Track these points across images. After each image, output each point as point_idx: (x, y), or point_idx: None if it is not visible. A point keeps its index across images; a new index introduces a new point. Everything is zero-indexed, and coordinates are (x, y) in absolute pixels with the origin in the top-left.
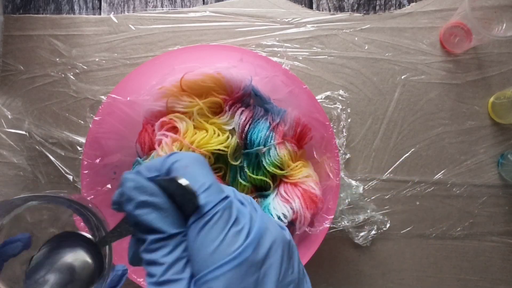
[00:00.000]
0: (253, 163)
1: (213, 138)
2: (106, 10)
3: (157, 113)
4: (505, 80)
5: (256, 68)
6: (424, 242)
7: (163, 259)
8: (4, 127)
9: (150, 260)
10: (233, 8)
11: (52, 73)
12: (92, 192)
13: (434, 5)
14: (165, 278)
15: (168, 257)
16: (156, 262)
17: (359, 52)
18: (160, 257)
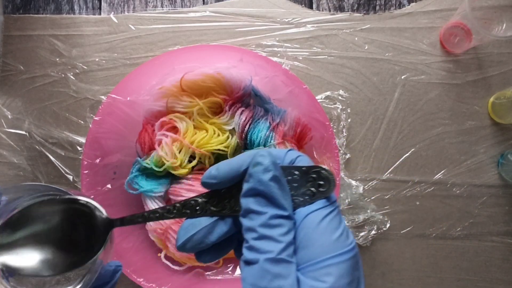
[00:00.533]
0: None
1: (213, 138)
2: (106, 10)
3: (157, 113)
4: (505, 80)
5: (256, 68)
6: (424, 242)
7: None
8: (4, 127)
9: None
10: (233, 8)
11: (52, 73)
12: (92, 192)
13: (434, 5)
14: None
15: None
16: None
17: (359, 52)
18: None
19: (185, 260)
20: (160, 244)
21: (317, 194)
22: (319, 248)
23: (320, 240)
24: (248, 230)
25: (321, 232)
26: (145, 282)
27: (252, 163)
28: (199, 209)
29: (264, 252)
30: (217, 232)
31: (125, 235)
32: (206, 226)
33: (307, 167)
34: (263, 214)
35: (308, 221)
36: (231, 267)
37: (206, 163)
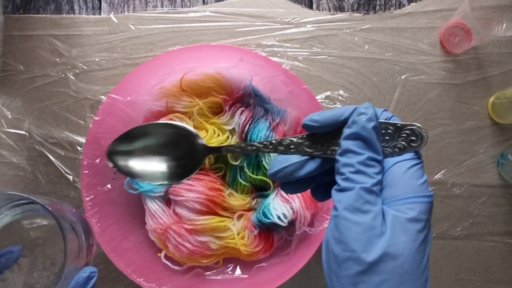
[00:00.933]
0: (253, 163)
1: (213, 138)
2: (106, 10)
3: (157, 113)
4: (505, 80)
5: (256, 68)
6: None
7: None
8: (4, 127)
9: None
10: (233, 8)
11: (52, 73)
12: (92, 192)
13: (434, 5)
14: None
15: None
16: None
17: (359, 52)
18: (371, 173)
19: (185, 260)
20: (160, 244)
21: (408, 148)
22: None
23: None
24: (345, 165)
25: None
26: (145, 282)
27: (357, 112)
28: (293, 148)
29: (359, 183)
30: (306, 169)
31: (125, 235)
32: (298, 162)
33: (402, 124)
34: (361, 154)
35: (396, 168)
36: (231, 267)
37: (206, 163)
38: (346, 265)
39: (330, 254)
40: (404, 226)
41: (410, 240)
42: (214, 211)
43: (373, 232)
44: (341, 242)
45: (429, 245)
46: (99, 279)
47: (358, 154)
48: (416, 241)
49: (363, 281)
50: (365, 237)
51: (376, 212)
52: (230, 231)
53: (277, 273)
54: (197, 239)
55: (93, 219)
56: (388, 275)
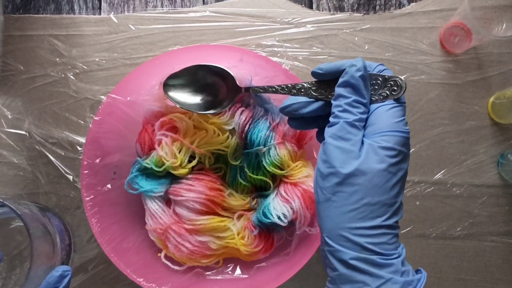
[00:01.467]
0: (253, 163)
1: (213, 138)
2: (106, 10)
3: (157, 113)
4: (505, 80)
5: (256, 68)
6: (424, 242)
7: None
8: (4, 127)
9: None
10: (233, 8)
11: (52, 73)
12: (92, 192)
13: (434, 5)
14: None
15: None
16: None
17: (359, 52)
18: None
19: (185, 260)
20: (160, 244)
21: (390, 95)
22: (383, 125)
23: (384, 121)
24: (336, 106)
25: (386, 116)
26: (145, 282)
27: (349, 64)
28: (303, 91)
29: (344, 118)
30: (310, 108)
31: (125, 235)
32: (304, 102)
33: (388, 76)
34: (349, 98)
35: (379, 110)
36: (231, 267)
37: (206, 163)
38: (328, 178)
39: (318, 172)
40: (376, 151)
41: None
42: (214, 211)
43: (350, 155)
44: (325, 162)
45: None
46: (99, 279)
47: (346, 98)
48: (384, 163)
49: (339, 191)
50: (344, 157)
51: (355, 140)
52: (230, 231)
53: (277, 273)
54: (197, 239)
55: (93, 219)
56: (359, 187)
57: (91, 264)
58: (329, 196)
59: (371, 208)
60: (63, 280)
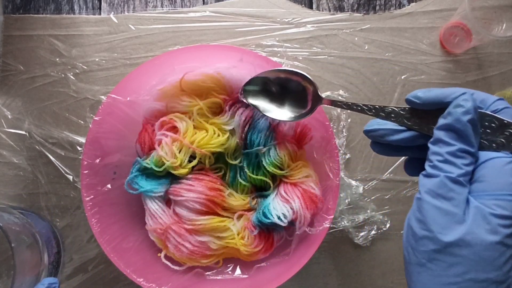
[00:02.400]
0: (253, 163)
1: (213, 138)
2: (106, 10)
3: (157, 113)
4: (505, 80)
5: (256, 68)
6: None
7: (463, 166)
8: (4, 127)
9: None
10: (233, 8)
11: (52, 73)
12: (92, 192)
13: (434, 5)
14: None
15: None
16: (456, 165)
17: (359, 52)
18: (460, 164)
19: (185, 260)
20: (160, 244)
21: (507, 146)
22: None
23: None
24: (434, 154)
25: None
26: (145, 282)
27: (454, 103)
28: (394, 117)
29: (445, 172)
30: (399, 136)
31: (125, 235)
32: (393, 128)
33: (507, 122)
34: (452, 145)
35: (492, 163)
36: (231, 267)
37: (206, 163)
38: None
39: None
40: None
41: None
42: (214, 211)
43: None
44: (420, 222)
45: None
46: (99, 279)
47: (449, 145)
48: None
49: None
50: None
51: (460, 200)
52: (230, 231)
53: (277, 273)
54: (197, 239)
55: (93, 219)
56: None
57: (91, 264)
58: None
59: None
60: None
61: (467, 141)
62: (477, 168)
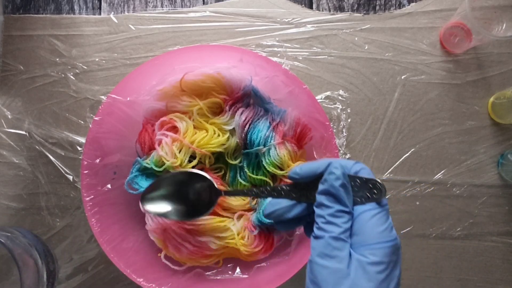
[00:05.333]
0: (253, 163)
1: (214, 138)
2: (106, 10)
3: (157, 113)
4: (505, 80)
5: (256, 68)
6: (424, 242)
7: (342, 224)
8: (4, 127)
9: (330, 221)
10: (233, 8)
11: (52, 73)
12: (92, 192)
13: (434, 5)
14: (340, 236)
15: (345, 224)
16: (336, 224)
17: (359, 52)
18: (340, 223)
19: (185, 260)
20: (160, 244)
21: (371, 199)
22: (369, 237)
23: (369, 230)
24: (319, 216)
25: (371, 225)
26: (145, 282)
27: (327, 171)
28: (284, 194)
29: (329, 232)
30: (294, 211)
31: (125, 235)
32: (287, 206)
33: (366, 179)
34: (331, 208)
35: (362, 217)
36: (231, 267)
37: (206, 163)
38: None
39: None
40: (365, 268)
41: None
42: (214, 211)
43: (339, 274)
44: (314, 283)
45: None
46: (99, 279)
47: (329, 208)
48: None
49: None
50: (333, 279)
51: (342, 257)
52: (230, 231)
53: (277, 273)
54: (197, 239)
55: (93, 219)
56: None
57: (91, 264)
58: None
59: None
60: None
61: (341, 202)
62: (353, 223)
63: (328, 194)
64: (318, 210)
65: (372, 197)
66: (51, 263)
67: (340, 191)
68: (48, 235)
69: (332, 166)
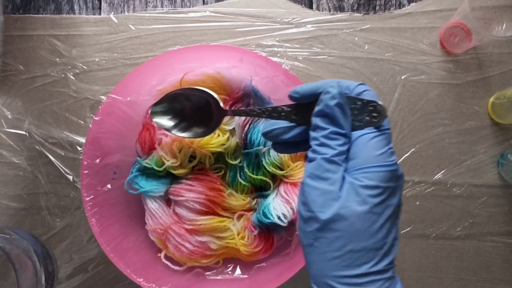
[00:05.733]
0: (253, 163)
1: (214, 138)
2: (106, 10)
3: None
4: (505, 80)
5: (256, 68)
6: (424, 242)
7: (336, 147)
8: (4, 127)
9: (324, 143)
10: (233, 8)
11: (52, 73)
12: (92, 192)
13: (434, 5)
14: (333, 159)
15: (340, 147)
16: (330, 146)
17: (359, 52)
18: (334, 145)
19: (185, 260)
20: (160, 244)
21: (370, 122)
22: (364, 160)
23: (365, 154)
24: (313, 139)
25: (368, 148)
26: (145, 282)
27: (323, 91)
28: (284, 115)
29: (321, 154)
30: (292, 133)
31: (125, 235)
32: (285, 127)
33: (367, 100)
34: (326, 129)
35: (360, 140)
36: (231, 267)
37: (206, 163)
38: (308, 222)
39: (299, 215)
40: (357, 191)
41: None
42: (214, 211)
43: (329, 196)
44: (304, 204)
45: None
46: (99, 279)
47: (323, 129)
48: (366, 204)
49: (321, 237)
50: (322, 200)
51: (335, 179)
52: (230, 231)
53: (277, 273)
54: (197, 239)
55: (93, 219)
56: (340, 232)
57: (91, 264)
58: (311, 242)
59: (356, 255)
60: None
61: (337, 123)
62: (350, 147)
63: (323, 116)
64: (313, 133)
65: (371, 121)
66: (50, 264)
67: (335, 110)
68: (48, 235)
69: (329, 84)
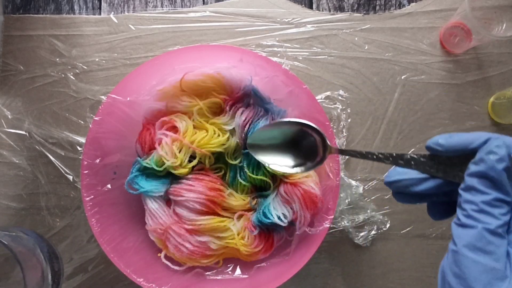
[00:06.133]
0: (253, 163)
1: (214, 138)
2: (106, 10)
3: (157, 113)
4: (505, 80)
5: (256, 68)
6: (424, 242)
7: (500, 216)
8: (4, 127)
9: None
10: (233, 8)
11: (52, 73)
12: (92, 192)
13: (434, 5)
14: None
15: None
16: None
17: (359, 52)
18: (497, 214)
19: (185, 260)
20: (160, 244)
21: None
22: None
23: None
24: (468, 202)
25: None
26: (145, 282)
27: (486, 149)
28: (414, 164)
29: (483, 223)
30: (423, 186)
31: (125, 235)
32: (417, 178)
33: None
34: (487, 194)
35: None
36: (231, 267)
37: (206, 163)
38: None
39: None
40: None
41: None
42: (214, 211)
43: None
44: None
45: None
46: (99, 279)
47: (484, 194)
48: None
49: None
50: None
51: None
52: (230, 231)
53: (277, 273)
54: (197, 239)
55: (93, 219)
56: None
57: (91, 264)
58: None
59: None
60: None
61: (502, 190)
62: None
63: (484, 178)
64: (467, 194)
65: None
66: (56, 263)
67: (502, 175)
68: (48, 235)
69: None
